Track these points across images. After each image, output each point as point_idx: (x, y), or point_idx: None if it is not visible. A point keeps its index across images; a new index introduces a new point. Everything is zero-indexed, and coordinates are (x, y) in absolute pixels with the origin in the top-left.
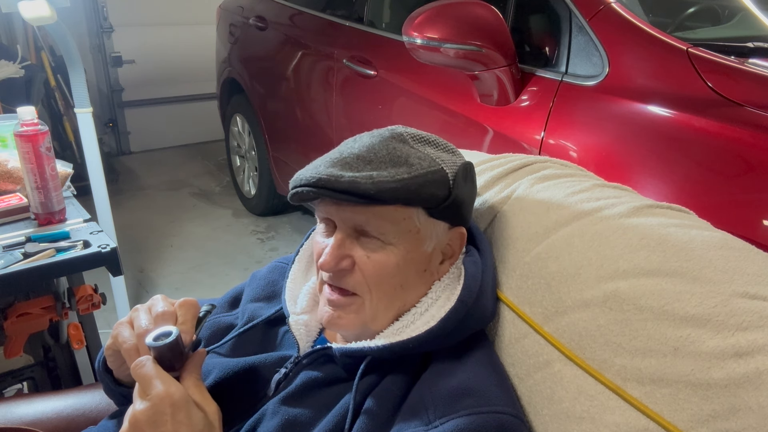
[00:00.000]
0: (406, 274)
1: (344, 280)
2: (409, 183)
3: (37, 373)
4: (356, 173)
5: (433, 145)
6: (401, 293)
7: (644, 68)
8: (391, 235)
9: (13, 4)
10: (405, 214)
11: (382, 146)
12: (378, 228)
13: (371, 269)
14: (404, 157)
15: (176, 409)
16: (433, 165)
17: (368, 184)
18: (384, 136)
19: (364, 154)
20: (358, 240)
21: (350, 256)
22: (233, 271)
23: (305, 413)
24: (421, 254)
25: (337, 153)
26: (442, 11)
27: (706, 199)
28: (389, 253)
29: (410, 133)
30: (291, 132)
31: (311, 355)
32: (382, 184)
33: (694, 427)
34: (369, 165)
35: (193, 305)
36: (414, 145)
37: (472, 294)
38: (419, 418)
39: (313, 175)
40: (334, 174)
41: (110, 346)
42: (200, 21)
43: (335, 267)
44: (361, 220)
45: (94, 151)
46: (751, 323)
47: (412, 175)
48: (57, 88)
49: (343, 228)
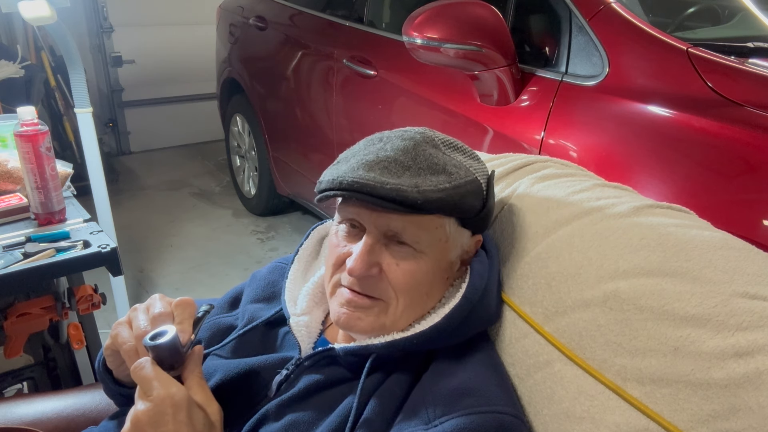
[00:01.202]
0: (432, 282)
1: (369, 287)
2: (453, 194)
3: (37, 373)
4: (398, 179)
5: (461, 152)
6: (426, 300)
7: (644, 68)
8: (424, 243)
9: (13, 4)
10: (438, 223)
11: (418, 152)
12: (413, 236)
13: (400, 277)
14: (441, 165)
15: (177, 410)
16: (468, 175)
17: (415, 193)
18: (417, 140)
19: (401, 159)
20: (387, 246)
21: (378, 263)
22: (233, 271)
23: (307, 415)
24: (447, 263)
25: (371, 155)
26: (442, 11)
27: (706, 199)
28: (420, 261)
29: (440, 138)
30: (291, 132)
31: (313, 357)
32: (429, 193)
33: (694, 427)
34: (408, 171)
35: (189, 304)
36: (446, 151)
37: (477, 291)
38: (419, 417)
39: (354, 179)
40: (377, 180)
41: (109, 346)
42: (200, 21)
43: (365, 273)
44: (396, 227)
45: (94, 151)
46: (751, 323)
47: (453, 185)
48: (57, 88)
49: (373, 233)
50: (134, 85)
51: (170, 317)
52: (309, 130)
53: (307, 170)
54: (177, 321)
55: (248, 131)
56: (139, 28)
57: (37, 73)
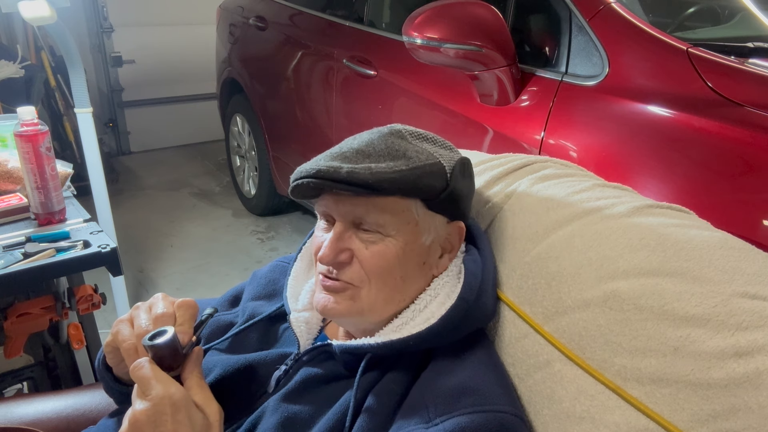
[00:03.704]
0: (405, 266)
1: (343, 273)
2: (407, 174)
3: (37, 373)
4: (355, 165)
5: (431, 142)
6: (401, 285)
7: (644, 68)
8: (390, 227)
9: (13, 4)
10: (403, 206)
11: (381, 141)
12: (377, 220)
13: (370, 261)
14: (402, 151)
15: (176, 410)
16: (430, 158)
17: (366, 174)
18: (383, 133)
19: (363, 149)
20: (356, 233)
21: (349, 249)
22: (233, 271)
23: (305, 410)
24: (420, 246)
25: (337, 148)
26: (442, 11)
27: (706, 199)
28: (388, 244)
29: (408, 130)
30: (291, 132)
31: (311, 352)
32: (380, 174)
33: (694, 427)
34: (368, 158)
35: (191, 306)
36: (412, 141)
37: (473, 292)
38: (419, 415)
39: (312, 167)
40: (333, 166)
41: (110, 343)
42: (200, 21)
43: (334, 259)
44: (359, 212)
45: (94, 151)
46: (751, 323)
47: (410, 167)
48: (57, 88)
49: (342, 221)
50: (134, 85)
51: (172, 318)
52: (309, 130)
53: None
54: (178, 322)
55: (248, 131)
56: (139, 28)
57: (37, 73)
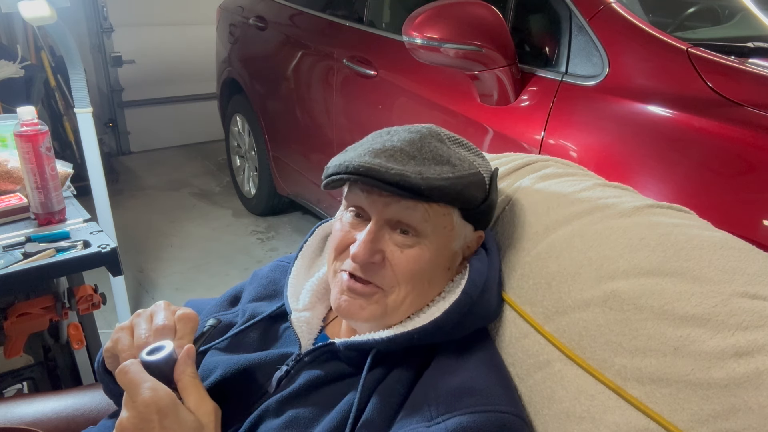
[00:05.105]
0: (434, 270)
1: (373, 275)
2: (456, 183)
3: (37, 373)
4: (402, 166)
5: (466, 148)
6: (428, 289)
7: (644, 68)
8: (428, 231)
9: (13, 4)
10: (443, 213)
11: (424, 143)
12: (417, 224)
13: (405, 265)
14: (446, 157)
15: (163, 416)
16: (471, 167)
17: (418, 179)
18: (423, 133)
19: (407, 149)
20: (391, 234)
21: (382, 250)
22: (233, 271)
23: (307, 411)
24: (449, 251)
25: (378, 144)
26: (442, 11)
27: (706, 199)
28: (423, 249)
29: (446, 134)
30: (291, 132)
31: (313, 353)
32: (432, 180)
33: (694, 426)
34: (413, 160)
35: (192, 319)
36: (450, 146)
37: (477, 287)
38: (421, 414)
39: (360, 163)
40: (382, 165)
41: (109, 350)
42: (200, 21)
43: (368, 259)
44: (401, 215)
45: (94, 151)
46: (751, 323)
47: (456, 175)
48: (57, 88)
49: (378, 220)
50: (134, 85)
51: (172, 331)
52: (309, 130)
53: (307, 170)
54: (178, 335)
55: (248, 131)
56: (139, 28)
57: (37, 73)
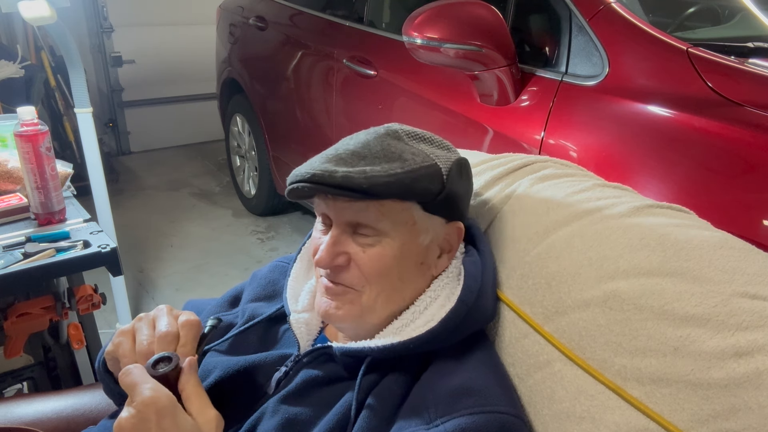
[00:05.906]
0: (402, 266)
1: (341, 276)
2: (403, 177)
3: (37, 373)
4: (350, 168)
5: (428, 142)
6: (399, 285)
7: (644, 68)
8: (387, 229)
9: (13, 4)
10: (400, 209)
11: (377, 142)
12: (373, 223)
13: (368, 263)
14: (398, 153)
15: (161, 416)
16: (426, 160)
17: (361, 179)
18: (379, 133)
19: (359, 150)
20: (353, 236)
21: (346, 252)
22: (233, 271)
23: (305, 412)
24: (417, 246)
25: (332, 150)
26: (442, 11)
27: (706, 199)
28: (385, 246)
29: (405, 130)
30: (291, 132)
31: (312, 354)
32: (375, 178)
33: (694, 427)
34: (363, 160)
35: (195, 325)
36: (408, 141)
37: (473, 294)
38: (420, 416)
39: (308, 171)
40: (328, 169)
41: (111, 353)
42: (200, 21)
43: (331, 263)
44: (355, 216)
45: (94, 151)
46: (751, 323)
47: (406, 170)
48: (57, 88)
49: (338, 224)
50: (134, 85)
51: (175, 338)
52: (309, 130)
53: None
54: (181, 343)
55: (248, 131)
56: (139, 28)
57: (37, 73)
